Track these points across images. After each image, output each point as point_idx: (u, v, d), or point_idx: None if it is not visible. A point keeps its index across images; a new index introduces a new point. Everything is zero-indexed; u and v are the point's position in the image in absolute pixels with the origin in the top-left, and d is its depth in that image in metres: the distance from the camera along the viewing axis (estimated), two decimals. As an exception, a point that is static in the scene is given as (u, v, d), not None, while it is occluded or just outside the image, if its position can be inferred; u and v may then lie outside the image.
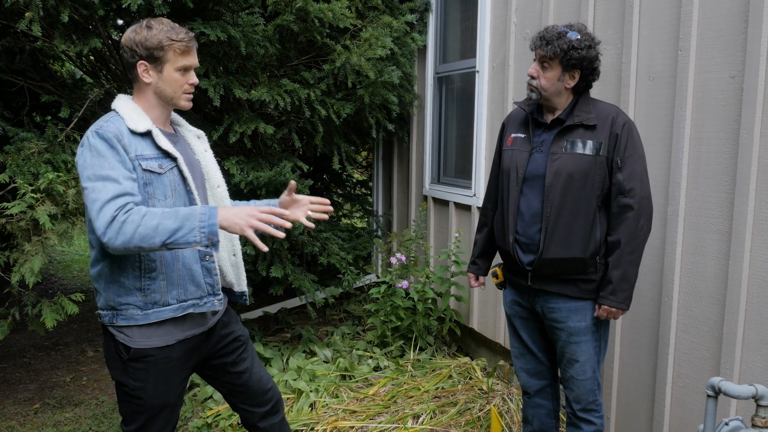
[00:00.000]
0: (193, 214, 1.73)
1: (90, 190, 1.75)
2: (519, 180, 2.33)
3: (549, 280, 2.32)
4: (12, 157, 3.03)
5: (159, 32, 1.85)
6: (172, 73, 1.89)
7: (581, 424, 2.41)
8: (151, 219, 1.71)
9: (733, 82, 2.27)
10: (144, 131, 1.86)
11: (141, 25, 1.88)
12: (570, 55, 2.18)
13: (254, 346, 3.89)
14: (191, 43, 1.91)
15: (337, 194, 5.54)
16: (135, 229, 1.69)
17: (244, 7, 3.41)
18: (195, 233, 1.71)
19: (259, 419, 2.26)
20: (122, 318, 1.89)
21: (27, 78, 3.74)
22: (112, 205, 1.72)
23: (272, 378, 3.54)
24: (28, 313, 3.19)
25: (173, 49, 1.87)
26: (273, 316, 4.77)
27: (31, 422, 3.41)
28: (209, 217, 1.73)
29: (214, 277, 2.00)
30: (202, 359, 2.12)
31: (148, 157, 1.85)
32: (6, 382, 3.96)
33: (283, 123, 3.74)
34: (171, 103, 1.94)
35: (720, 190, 2.34)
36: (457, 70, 4.04)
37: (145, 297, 1.87)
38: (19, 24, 2.83)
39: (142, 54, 1.85)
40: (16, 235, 3.07)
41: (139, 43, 1.85)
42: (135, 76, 1.90)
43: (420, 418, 3.15)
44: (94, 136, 1.80)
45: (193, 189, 1.95)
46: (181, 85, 1.91)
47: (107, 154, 1.77)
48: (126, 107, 1.89)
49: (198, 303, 1.96)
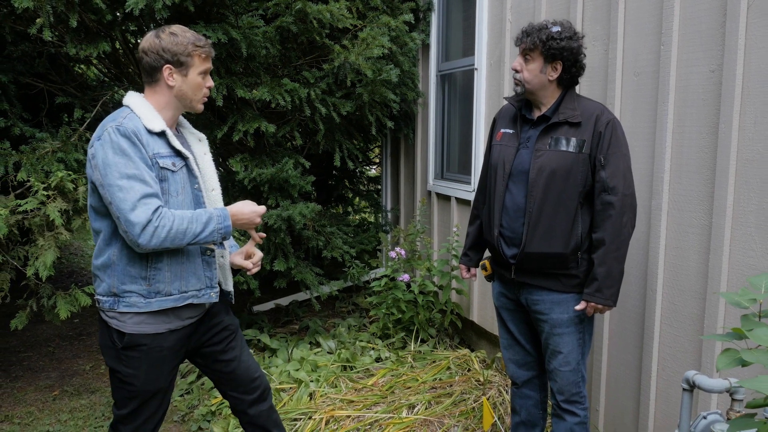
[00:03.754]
0: (212, 218, 1.99)
1: (117, 188, 1.85)
2: (505, 175, 2.38)
3: (531, 274, 2.37)
4: (27, 156, 3.20)
5: (184, 39, 1.98)
6: (195, 77, 2.02)
7: (565, 416, 2.45)
8: (179, 223, 1.91)
9: (713, 77, 2.28)
10: (159, 131, 1.97)
11: (164, 32, 1.99)
12: (549, 45, 2.22)
13: (261, 338, 4.04)
14: (211, 50, 2.07)
15: (348, 190, 5.65)
16: (167, 233, 1.88)
17: (248, 10, 3.52)
18: (215, 234, 2.00)
19: (247, 406, 2.35)
20: (124, 305, 1.97)
21: (47, 81, 3.93)
22: (143, 207, 1.85)
23: (268, 368, 3.67)
24: (44, 304, 3.37)
25: (198, 55, 2.00)
26: (284, 308, 4.90)
27: (49, 408, 3.59)
28: (224, 219, 2.02)
29: (213, 270, 2.12)
30: (193, 348, 2.22)
31: (164, 156, 1.96)
32: (30, 370, 4.17)
33: (287, 121, 3.85)
34: (189, 105, 2.06)
35: (701, 184, 2.36)
36: (458, 68, 4.09)
37: (149, 286, 1.97)
38: (30, 29, 2.99)
39: (168, 59, 1.97)
40: (33, 231, 3.25)
41: (165, 49, 1.96)
42: (158, 78, 2.00)
43: (415, 408, 3.23)
44: (115, 133, 1.88)
45: (201, 186, 2.07)
46: (201, 88, 2.05)
47: (130, 152, 1.87)
48: (142, 106, 1.99)
49: (197, 294, 2.07)
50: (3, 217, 2.73)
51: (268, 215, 3.56)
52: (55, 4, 2.96)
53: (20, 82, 3.64)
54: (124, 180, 1.85)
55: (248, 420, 2.38)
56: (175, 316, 2.05)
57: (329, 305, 5.07)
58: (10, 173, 3.21)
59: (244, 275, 3.76)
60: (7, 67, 3.48)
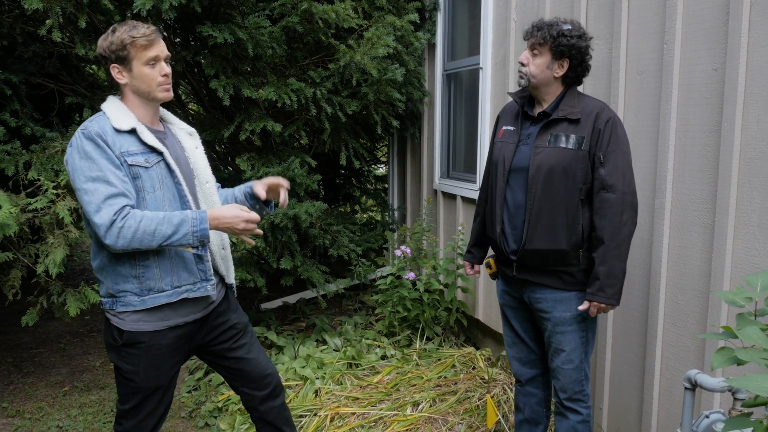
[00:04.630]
0: (185, 220, 1.93)
1: (83, 191, 1.88)
2: (505, 172, 2.39)
3: (532, 271, 2.38)
4: (37, 155, 3.25)
5: (121, 33, 1.95)
6: (140, 68, 1.97)
7: (568, 414, 2.46)
8: (147, 224, 1.88)
9: (716, 75, 2.28)
10: (129, 129, 1.97)
11: (108, 32, 1.98)
12: (559, 41, 2.23)
13: (269, 335, 4.07)
14: (153, 35, 1.97)
15: (356, 188, 5.67)
16: (133, 234, 1.87)
17: (254, 10, 3.55)
18: (188, 237, 1.94)
19: (259, 402, 2.37)
20: (121, 304, 2.01)
21: (58, 81, 3.98)
22: (107, 207, 1.86)
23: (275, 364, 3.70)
24: (54, 301, 3.42)
25: (135, 46, 1.94)
26: (292, 306, 4.94)
27: (59, 404, 3.65)
28: (200, 221, 1.95)
29: (206, 263, 2.11)
30: (199, 345, 2.24)
31: (134, 153, 1.96)
32: (41, 366, 4.24)
33: (293, 121, 3.88)
34: (149, 97, 2.03)
35: (704, 183, 2.36)
36: (463, 67, 4.10)
37: (140, 284, 2.00)
38: (40, 30, 3.04)
39: (111, 57, 1.97)
40: (43, 229, 3.30)
41: (106, 48, 1.96)
42: (112, 79, 2.01)
43: (419, 406, 3.25)
44: (80, 137, 1.91)
45: (181, 180, 2.06)
46: (153, 78, 1.99)
47: (94, 155, 1.89)
48: (112, 107, 2.01)
49: (192, 288, 2.08)
50: (13, 215, 2.77)
51: (275, 214, 3.58)
52: (64, 6, 3.00)
53: (31, 82, 3.69)
54: (89, 183, 1.87)
55: (259, 416, 2.40)
56: (172, 313, 2.07)
57: (336, 303, 5.10)
58: (20, 172, 3.26)
59: (251, 273, 3.80)
60: (18, 67, 3.53)
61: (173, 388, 2.21)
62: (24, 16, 3.23)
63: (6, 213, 2.60)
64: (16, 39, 3.32)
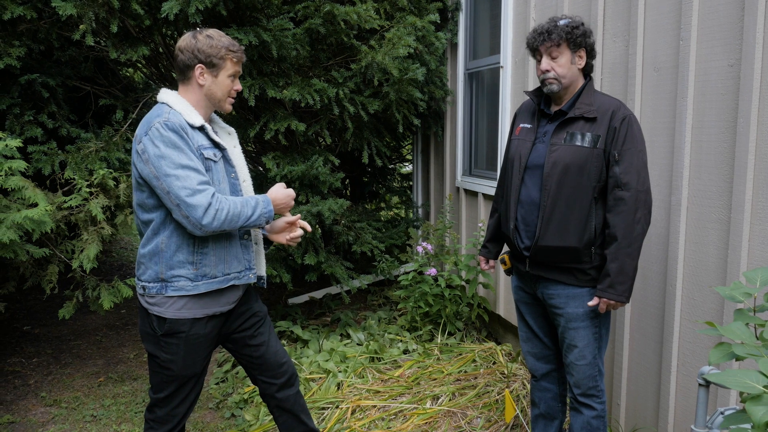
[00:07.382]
0: (258, 203, 2.14)
1: (174, 177, 1.98)
2: (521, 169, 2.43)
3: (545, 267, 2.41)
4: (72, 155, 3.41)
5: (219, 42, 2.12)
6: (225, 79, 2.16)
7: (582, 409, 2.48)
8: (234, 207, 2.07)
9: (732, 71, 2.28)
10: (199, 126, 2.11)
11: (201, 33, 2.13)
12: (574, 34, 2.28)
13: (294, 329, 4.17)
14: (243, 56, 2.20)
15: (381, 186, 5.75)
16: (226, 216, 2.05)
17: (279, 13, 3.65)
18: (262, 218, 2.15)
19: (276, 390, 2.46)
20: (172, 289, 2.10)
21: (94, 84, 4.15)
22: (202, 193, 2.00)
23: (299, 358, 3.78)
24: (89, 295, 3.58)
25: (230, 59, 2.14)
26: (318, 301, 5.04)
27: (95, 393, 3.81)
28: (267, 204, 2.18)
29: (251, 253, 2.28)
30: (226, 334, 2.35)
31: (206, 147, 2.11)
32: (79, 357, 4.42)
33: (317, 120, 3.96)
34: (217, 105, 2.20)
35: (720, 180, 2.35)
36: (484, 66, 4.13)
37: (196, 270, 2.11)
38: (74, 35, 3.18)
39: (202, 59, 2.11)
40: (78, 226, 3.46)
41: (200, 50, 2.10)
42: (190, 76, 2.14)
43: (439, 399, 3.30)
44: (164, 128, 2.01)
45: (238, 175, 2.23)
46: (229, 90, 2.19)
47: (181, 145, 2.01)
48: (180, 103, 2.12)
49: (239, 276, 2.23)
50: (49, 213, 2.92)
51: (299, 210, 3.68)
52: (97, 11, 3.14)
53: (68, 85, 3.86)
54: (179, 170, 1.99)
55: (276, 404, 2.49)
56: (213, 302, 2.18)
57: (361, 298, 5.18)
58: (57, 171, 3.42)
59: (277, 269, 3.90)
60: (55, 71, 3.69)
61: (204, 375, 2.31)
62: (59, 22, 3.38)
63: (42, 210, 2.74)
64: (52, 44, 3.47)
